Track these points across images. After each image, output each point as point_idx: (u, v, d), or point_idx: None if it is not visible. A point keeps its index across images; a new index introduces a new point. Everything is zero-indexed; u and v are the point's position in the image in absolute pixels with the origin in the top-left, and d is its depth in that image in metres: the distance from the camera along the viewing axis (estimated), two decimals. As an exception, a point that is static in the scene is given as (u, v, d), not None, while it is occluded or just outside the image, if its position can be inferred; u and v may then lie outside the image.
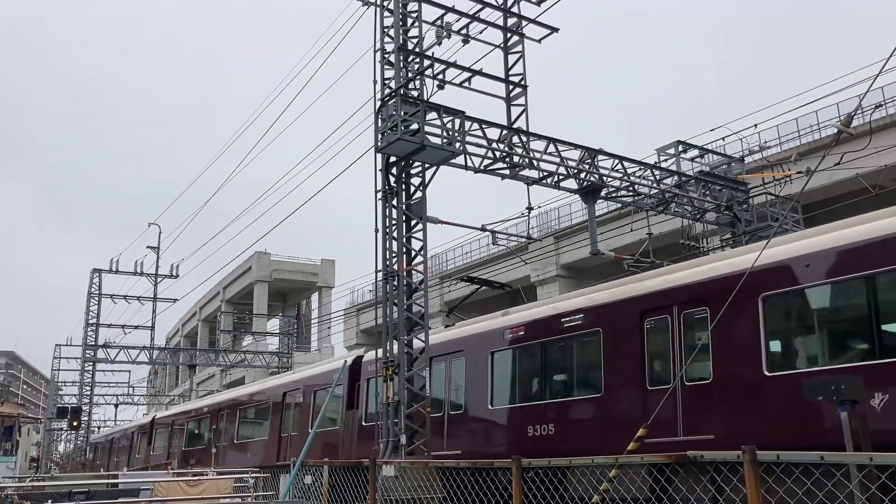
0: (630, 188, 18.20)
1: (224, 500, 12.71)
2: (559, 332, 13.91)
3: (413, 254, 15.33)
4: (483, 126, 15.57)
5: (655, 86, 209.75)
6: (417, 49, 16.06)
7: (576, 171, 16.95)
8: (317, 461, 13.75)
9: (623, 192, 18.32)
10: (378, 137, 15.28)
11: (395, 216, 15.32)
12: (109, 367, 49.23)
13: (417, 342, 15.01)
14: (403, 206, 15.31)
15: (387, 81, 15.92)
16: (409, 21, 16.20)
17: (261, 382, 31.19)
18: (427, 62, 16.00)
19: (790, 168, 20.52)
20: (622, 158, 17.76)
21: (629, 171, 17.99)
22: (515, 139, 16.25)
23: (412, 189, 15.51)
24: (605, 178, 17.53)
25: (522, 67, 16.94)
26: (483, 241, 46.28)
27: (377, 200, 15.49)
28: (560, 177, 16.88)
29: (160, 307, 46.17)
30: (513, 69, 17.00)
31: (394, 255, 15.21)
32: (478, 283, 20.16)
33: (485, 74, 16.48)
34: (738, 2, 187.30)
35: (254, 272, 68.08)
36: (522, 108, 16.61)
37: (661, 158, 19.82)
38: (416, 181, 15.48)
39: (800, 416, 9.91)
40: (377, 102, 15.71)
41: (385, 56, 16.12)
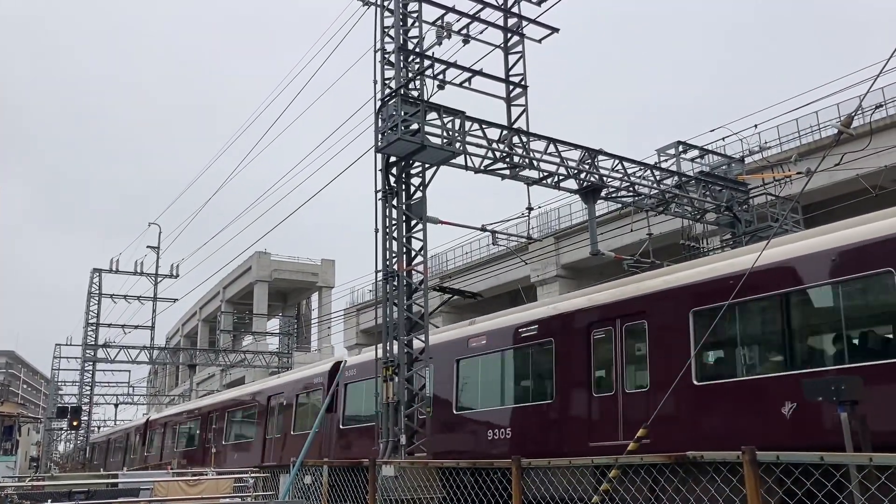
0: (630, 188, 18.20)
1: (224, 500, 12.71)
2: (517, 342, 14.65)
3: (413, 254, 15.33)
4: (483, 126, 15.57)
5: (655, 86, 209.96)
6: (418, 49, 16.05)
7: (576, 172, 16.94)
8: (317, 461, 13.74)
9: (623, 193, 18.32)
10: (378, 137, 15.28)
11: (395, 216, 15.32)
12: (109, 367, 49.31)
13: (417, 342, 15.02)
14: (403, 206, 15.30)
15: (387, 81, 15.92)
16: (410, 21, 16.20)
17: (247, 386, 31.93)
18: (427, 62, 15.99)
19: (790, 168, 20.52)
20: (622, 159, 17.76)
21: (629, 172, 17.98)
22: (515, 139, 16.25)
23: (412, 189, 15.51)
24: (606, 179, 17.52)
25: (523, 68, 16.93)
26: (483, 242, 46.34)
27: (377, 200, 15.49)
28: (560, 177, 16.87)
29: (160, 307, 46.21)
30: (513, 69, 16.99)
31: (394, 256, 15.20)
32: (449, 293, 20.65)
33: (485, 74, 16.47)
34: (738, 2, 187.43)
35: (254, 272, 68.11)
36: (523, 109, 16.60)
37: (662, 159, 19.81)
38: (417, 181, 15.48)
39: (725, 423, 10.74)
40: (377, 102, 15.71)
41: (385, 56, 16.12)
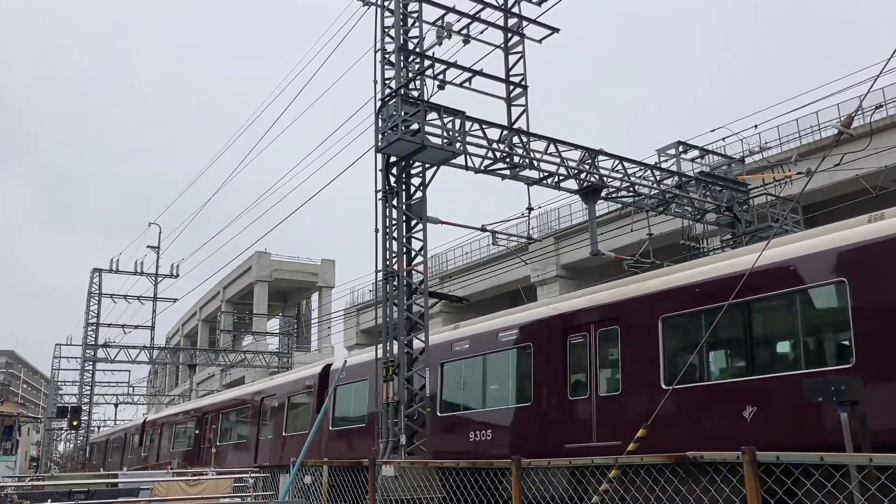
0: (630, 189, 18.20)
1: (223, 500, 12.71)
2: (498, 347, 15.12)
3: (413, 254, 15.33)
4: (483, 126, 15.57)
5: (655, 86, 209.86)
6: (418, 49, 16.05)
7: (576, 172, 16.94)
8: (316, 461, 13.73)
9: (623, 193, 18.32)
10: (378, 137, 15.28)
11: (396, 216, 15.32)
12: (109, 367, 49.33)
13: (417, 342, 15.03)
14: (403, 206, 15.30)
15: (387, 81, 15.91)
16: (410, 21, 16.20)
17: (241, 388, 32.54)
18: (427, 62, 15.99)
19: (790, 169, 20.52)
20: (622, 159, 17.76)
21: (629, 172, 17.98)
22: (516, 139, 16.25)
23: (412, 189, 15.51)
24: (606, 179, 17.52)
25: (523, 68, 16.93)
26: (483, 242, 46.31)
27: (377, 200, 15.49)
28: (560, 177, 16.87)
29: (160, 307, 46.23)
30: (513, 69, 16.99)
31: (394, 256, 15.20)
32: (436, 298, 21.13)
33: (485, 75, 16.47)
34: (738, 2, 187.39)
35: (254, 272, 68.08)
36: (523, 109, 16.60)
37: (662, 159, 19.81)
38: (417, 181, 15.48)
39: (691, 426, 11.22)
40: (377, 102, 15.71)
41: (385, 56, 16.12)
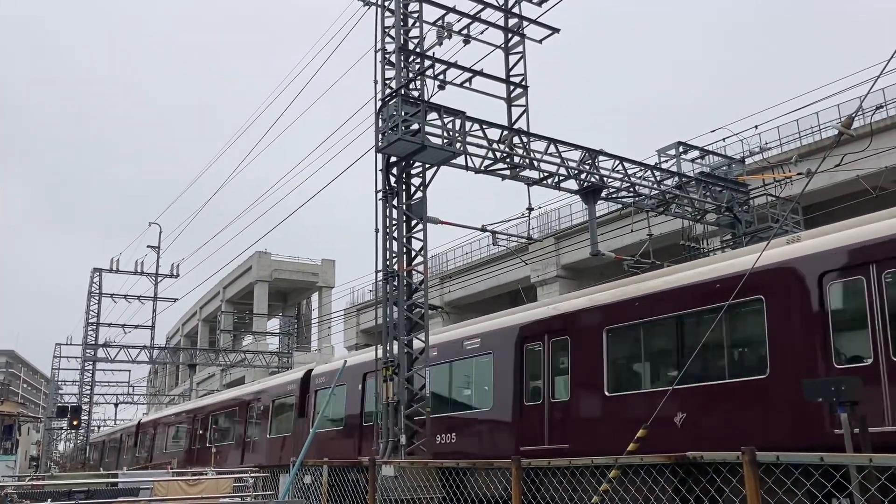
0: (631, 189, 18.20)
1: (223, 500, 12.71)
2: (462, 354, 15.79)
3: (413, 254, 15.33)
4: (484, 126, 15.57)
5: (655, 86, 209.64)
6: (418, 49, 16.06)
7: (576, 172, 16.95)
8: (316, 461, 13.73)
9: (624, 193, 18.32)
10: (379, 137, 15.28)
11: (396, 216, 15.32)
12: (109, 367, 49.36)
13: (417, 342, 15.04)
14: (404, 207, 15.30)
15: (387, 81, 15.92)
16: (410, 21, 16.20)
17: (230, 391, 33.35)
18: (428, 62, 15.99)
19: (791, 169, 20.53)
20: (623, 159, 17.76)
21: (630, 172, 17.99)
22: (516, 140, 16.25)
23: (412, 189, 15.51)
24: (606, 179, 17.52)
25: (523, 68, 16.94)
26: (483, 242, 46.33)
27: (377, 200, 15.49)
28: (561, 177, 16.88)
29: (160, 307, 46.26)
30: (513, 70, 16.99)
31: (394, 256, 15.20)
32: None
33: (485, 75, 16.47)
34: (738, 2, 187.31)
35: (254, 272, 68.05)
36: (523, 109, 16.60)
37: (662, 159, 19.81)
38: (417, 181, 15.48)
39: (630, 431, 11.36)
40: (378, 102, 15.72)
41: (386, 56, 16.13)
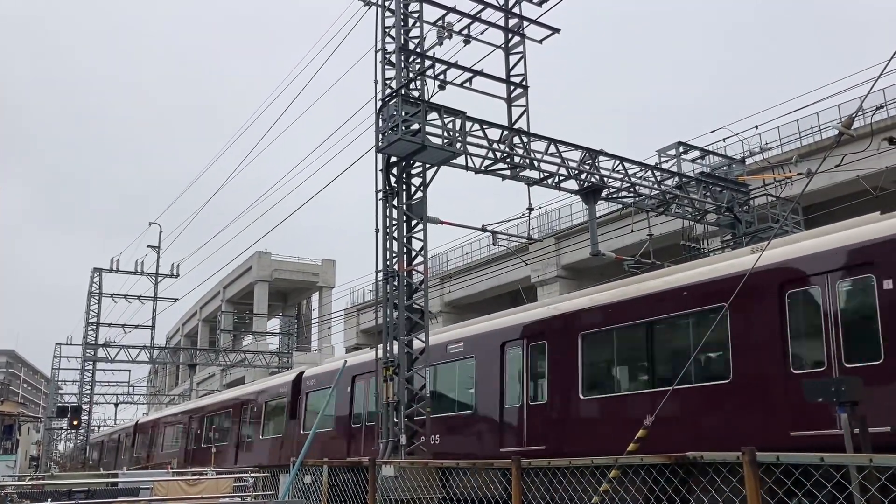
0: (631, 189, 18.20)
1: (223, 500, 12.71)
2: (446, 357, 16.28)
3: (413, 254, 15.33)
4: (484, 126, 15.57)
5: (655, 86, 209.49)
6: (418, 49, 16.06)
7: (577, 172, 16.95)
8: (316, 461, 13.73)
9: (624, 193, 18.32)
10: (379, 137, 15.28)
11: (396, 216, 15.32)
12: (109, 367, 49.33)
13: (417, 342, 15.04)
14: (404, 207, 15.30)
15: (388, 81, 15.92)
16: (411, 21, 16.21)
17: (222, 393, 33.98)
18: (428, 62, 15.99)
19: (791, 170, 20.52)
20: (623, 159, 17.76)
21: (630, 172, 17.99)
22: (516, 140, 16.25)
23: (413, 189, 15.51)
24: (606, 179, 17.52)
25: (523, 68, 16.94)
26: (483, 242, 46.33)
27: (378, 200, 15.49)
28: (561, 177, 16.88)
29: (160, 307, 46.23)
30: (514, 70, 16.98)
31: (394, 256, 15.20)
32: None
33: (486, 75, 16.47)
34: (738, 2, 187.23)
35: (254, 272, 68.03)
36: (523, 109, 16.60)
37: (662, 159, 19.81)
38: (417, 181, 15.48)
39: (602, 433, 12.37)
40: (378, 102, 15.71)
41: (386, 56, 16.13)
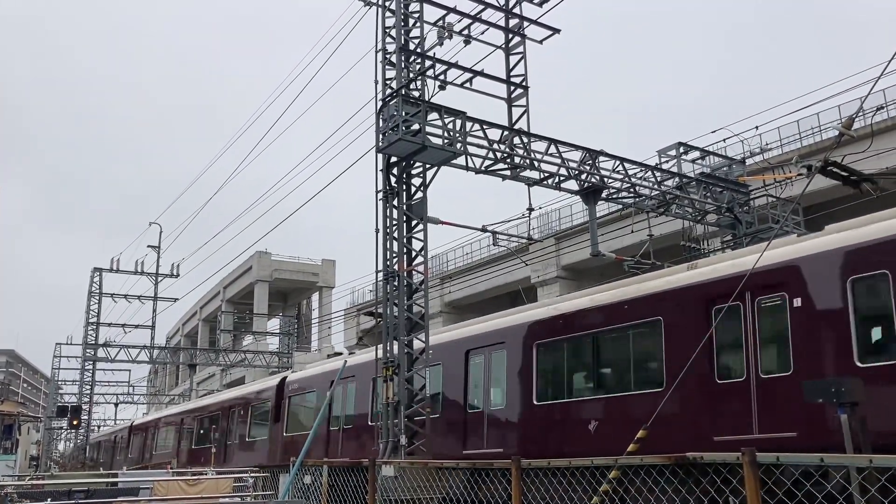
0: (631, 189, 18.20)
1: (223, 500, 12.71)
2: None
3: (413, 254, 15.34)
4: (484, 127, 15.57)
5: (655, 86, 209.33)
6: (419, 49, 16.06)
7: (577, 173, 16.95)
8: (316, 461, 13.73)
9: (624, 194, 18.32)
10: (379, 138, 15.28)
11: (396, 216, 15.32)
12: (109, 366, 49.31)
13: (418, 342, 15.04)
14: (404, 207, 15.31)
15: (388, 82, 15.92)
16: (411, 21, 16.21)
17: (214, 396, 34.81)
18: (428, 63, 15.99)
19: (791, 170, 20.50)
20: (623, 160, 17.76)
21: (630, 173, 17.99)
22: (516, 140, 16.25)
23: (413, 189, 15.52)
24: (607, 180, 17.52)
25: (524, 68, 16.94)
26: (484, 242, 46.34)
27: (378, 201, 15.50)
28: (561, 178, 16.88)
29: (160, 306, 46.23)
30: (514, 70, 16.98)
31: (394, 256, 15.21)
32: (369, 316, 24.86)
33: (486, 75, 16.47)
34: (738, 2, 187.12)
35: (254, 272, 68.07)
36: (524, 109, 16.60)
37: (662, 160, 19.80)
38: (417, 181, 15.48)
39: (553, 436, 13.26)
40: (378, 103, 15.72)
41: (386, 56, 16.13)
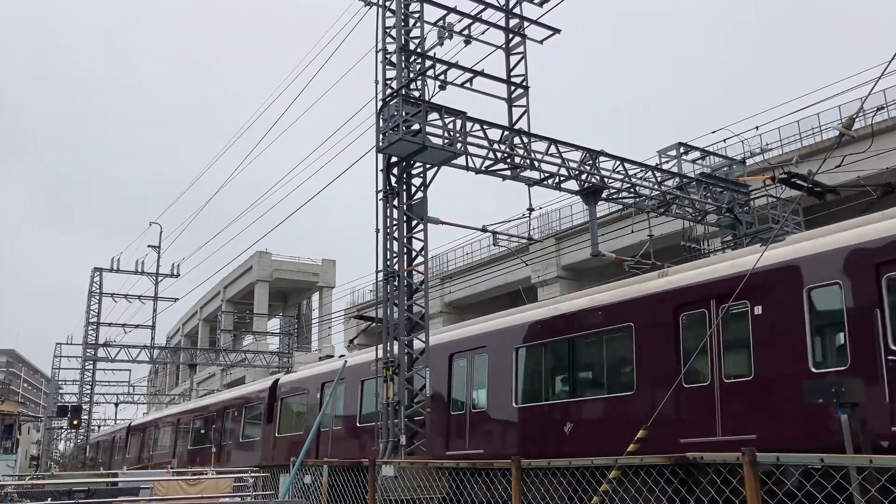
0: (631, 190, 18.19)
1: (223, 500, 12.72)
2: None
3: (414, 254, 15.34)
4: (484, 127, 15.57)
5: (655, 86, 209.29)
6: (419, 49, 16.06)
7: (577, 173, 16.95)
8: (316, 461, 13.74)
9: (624, 194, 18.31)
10: (379, 138, 15.28)
11: (396, 216, 15.32)
12: (110, 366, 49.26)
13: (418, 342, 15.04)
14: (404, 207, 15.31)
15: (388, 82, 15.92)
16: (411, 21, 16.20)
17: (208, 397, 35.48)
18: (429, 63, 15.99)
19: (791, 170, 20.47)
20: (623, 160, 17.75)
21: (630, 173, 17.98)
22: (517, 140, 16.25)
23: (413, 189, 15.51)
24: (607, 180, 17.52)
25: (524, 68, 16.93)
26: (484, 242, 46.35)
27: (378, 201, 15.50)
28: (561, 178, 16.88)
29: (161, 306, 46.13)
30: (514, 70, 16.98)
31: (394, 256, 15.21)
32: (367, 320, 26.34)
33: (486, 75, 16.47)
34: (738, 2, 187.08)
35: (254, 272, 68.10)
36: (524, 109, 16.60)
37: (663, 160, 19.79)
38: (418, 181, 15.48)
39: (533, 438, 13.79)
40: (379, 103, 15.72)
41: (387, 56, 16.12)
